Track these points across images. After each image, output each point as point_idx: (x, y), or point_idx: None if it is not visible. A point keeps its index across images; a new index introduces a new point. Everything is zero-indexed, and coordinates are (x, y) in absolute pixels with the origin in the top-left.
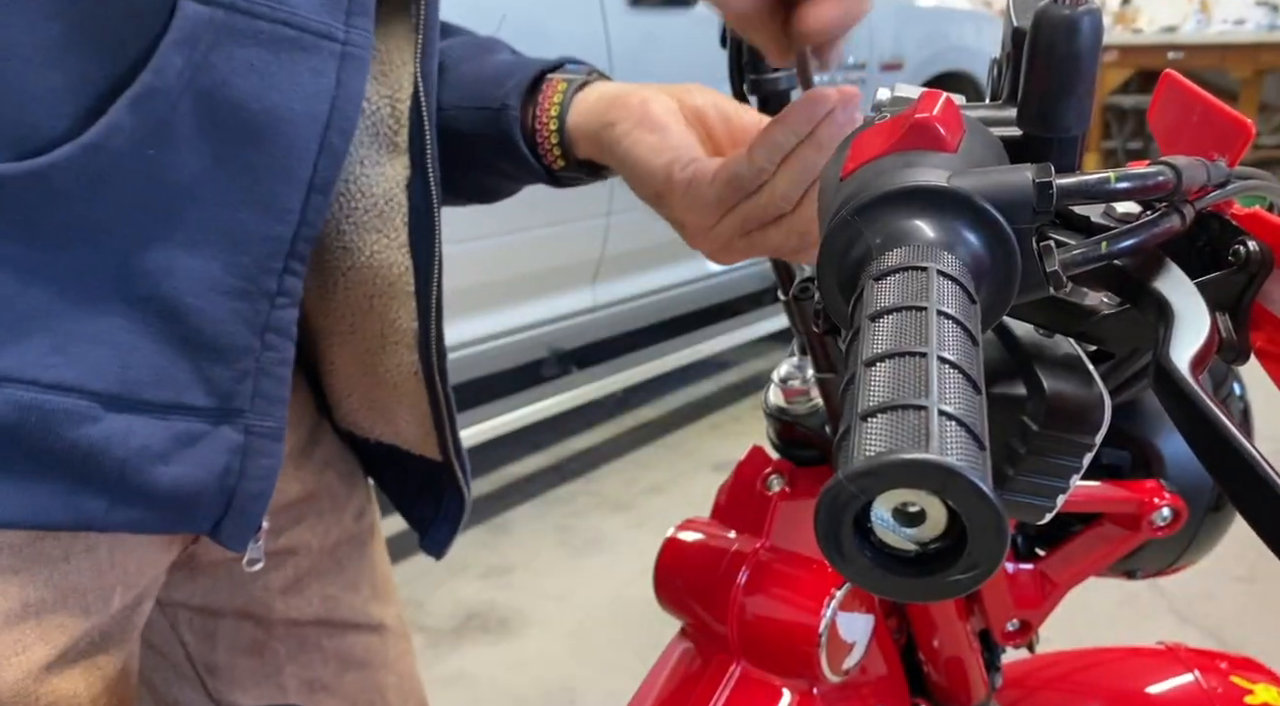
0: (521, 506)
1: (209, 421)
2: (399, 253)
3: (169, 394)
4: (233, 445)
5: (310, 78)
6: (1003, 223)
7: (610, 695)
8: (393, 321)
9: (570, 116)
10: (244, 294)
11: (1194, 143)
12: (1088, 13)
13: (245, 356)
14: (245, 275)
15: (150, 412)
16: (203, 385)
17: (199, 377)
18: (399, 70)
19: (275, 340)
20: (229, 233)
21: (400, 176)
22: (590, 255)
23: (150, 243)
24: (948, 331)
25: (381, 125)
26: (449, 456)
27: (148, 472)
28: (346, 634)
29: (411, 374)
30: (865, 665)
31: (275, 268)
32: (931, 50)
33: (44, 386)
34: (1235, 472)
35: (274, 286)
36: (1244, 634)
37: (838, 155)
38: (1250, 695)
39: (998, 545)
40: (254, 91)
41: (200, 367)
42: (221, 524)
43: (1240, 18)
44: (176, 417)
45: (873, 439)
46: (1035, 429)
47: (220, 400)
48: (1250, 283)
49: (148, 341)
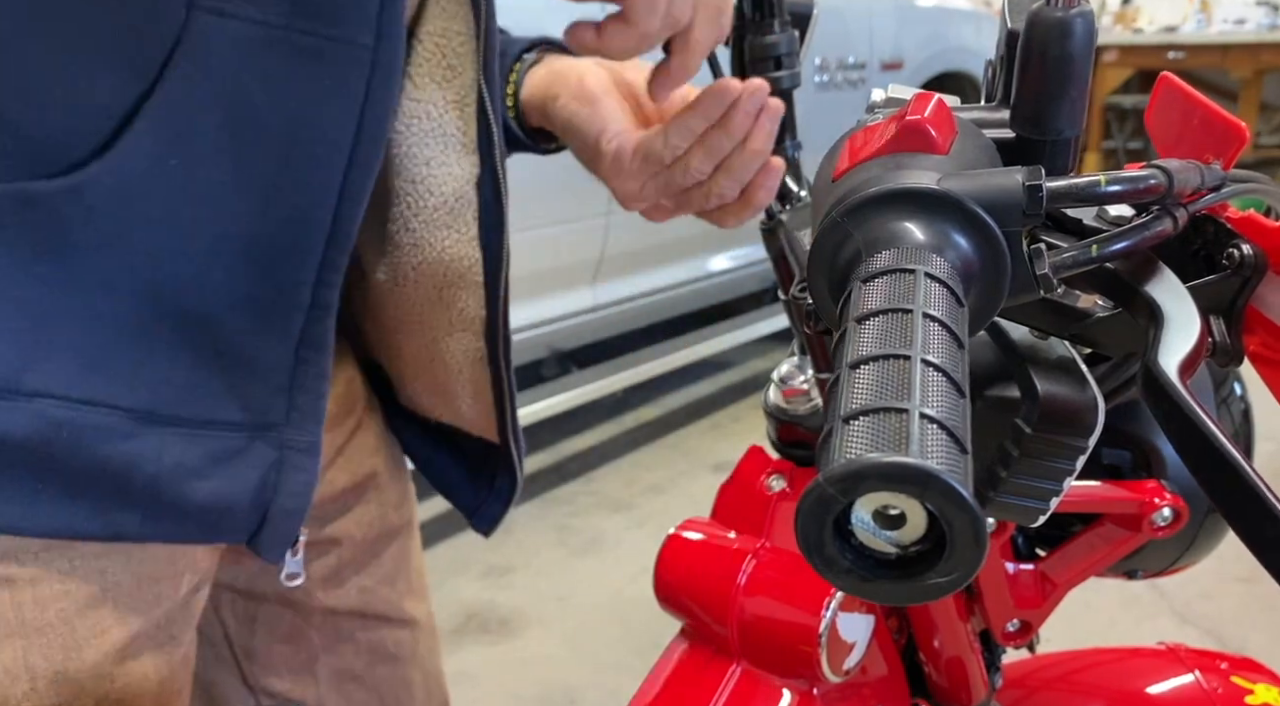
0: (521, 506)
1: (243, 437)
2: (469, 246)
3: (202, 410)
4: (268, 461)
5: (335, 88)
6: (992, 225)
7: (610, 695)
8: (461, 310)
9: (523, 90)
10: (275, 307)
11: (1190, 145)
12: (1081, 15)
13: (279, 371)
14: (276, 287)
15: (184, 428)
16: (237, 401)
17: (233, 393)
18: (463, 75)
19: (310, 354)
20: (257, 245)
21: (469, 174)
22: (590, 255)
23: (178, 256)
24: (933, 334)
25: (449, 126)
26: (506, 438)
27: (182, 488)
28: (380, 627)
29: (477, 359)
30: (865, 665)
31: (307, 279)
32: (931, 50)
33: (75, 402)
34: (1220, 477)
35: (307, 299)
36: (1244, 634)
37: (831, 155)
38: (1250, 695)
39: (977, 549)
40: (273, 102)
41: (234, 383)
42: (257, 536)
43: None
44: (210, 434)
45: (853, 441)
46: (1028, 431)
47: (255, 415)
48: (1244, 286)
49: (180, 357)
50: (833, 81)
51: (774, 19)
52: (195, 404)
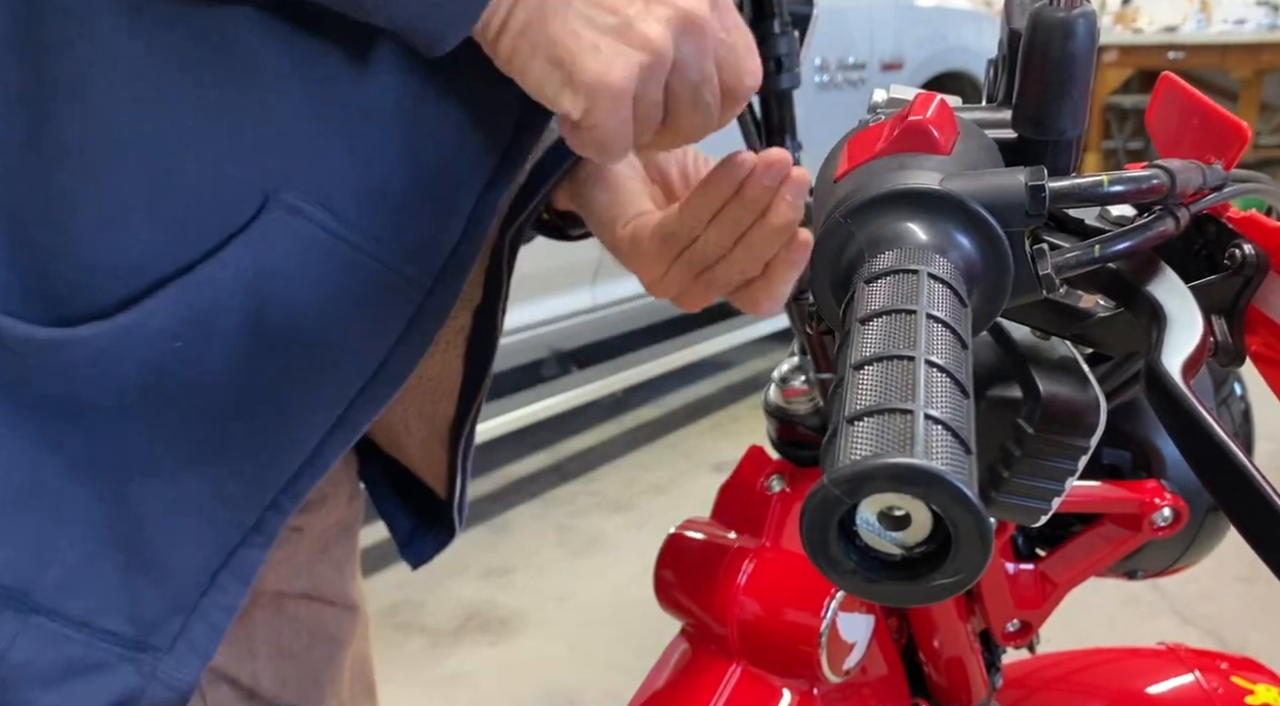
0: (521, 506)
1: (114, 652)
2: (455, 361)
3: (80, 606)
4: (129, 688)
5: (378, 317)
6: (995, 226)
7: (610, 695)
8: (433, 412)
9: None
10: (213, 518)
11: (1191, 145)
12: (1082, 15)
13: (186, 590)
14: (224, 496)
15: (53, 623)
16: (124, 606)
17: (123, 594)
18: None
19: (228, 582)
20: (228, 445)
21: (474, 300)
22: (590, 255)
23: (140, 433)
24: (937, 335)
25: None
26: (452, 497)
27: (20, 694)
28: (324, 610)
29: (440, 435)
30: (865, 665)
31: (261, 501)
32: (931, 50)
33: None
34: (1224, 477)
35: (251, 520)
36: (1244, 634)
37: (832, 156)
38: (1251, 695)
39: (982, 549)
40: (314, 310)
41: (130, 583)
42: None
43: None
44: (79, 637)
45: (858, 442)
46: (1030, 431)
47: (137, 630)
48: (1246, 286)
49: (86, 535)
50: (833, 82)
51: (774, 20)
52: (76, 596)
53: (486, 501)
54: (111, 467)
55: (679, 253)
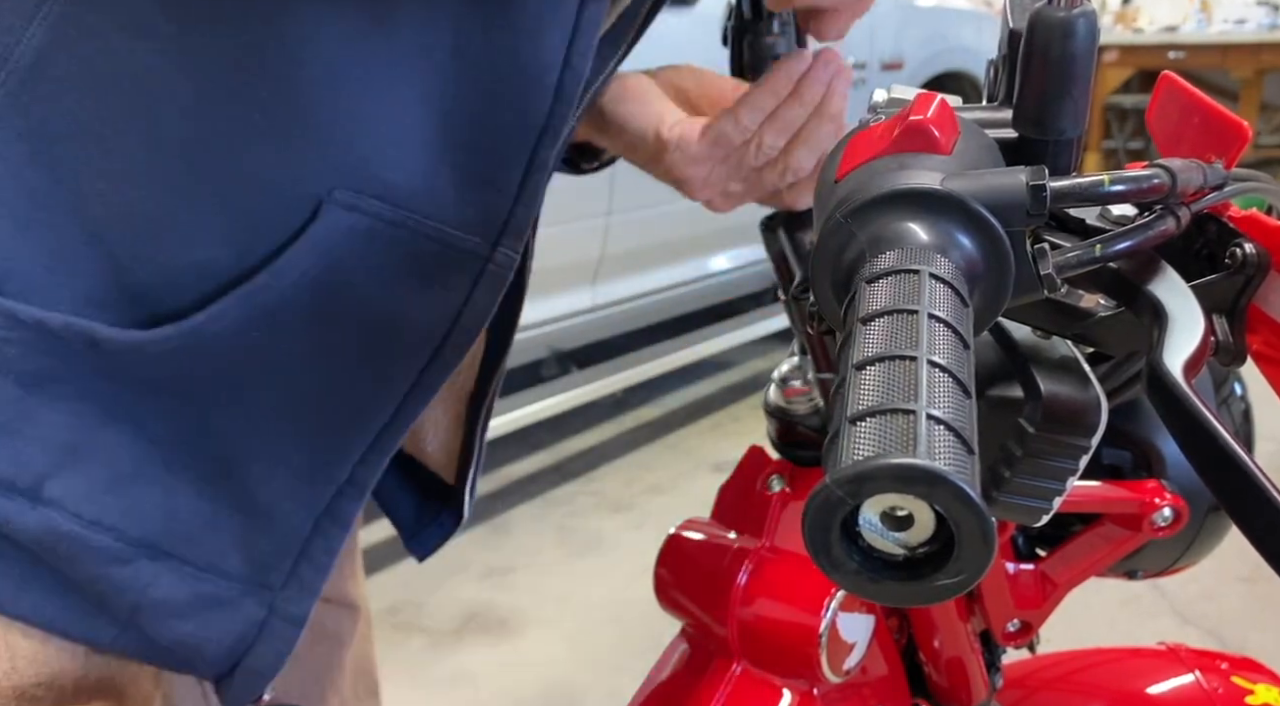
0: (521, 506)
1: (237, 589)
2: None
3: (205, 553)
4: (253, 619)
5: (440, 291)
6: (996, 225)
7: (610, 695)
8: (453, 382)
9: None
10: (309, 476)
11: (1192, 145)
12: (1083, 14)
13: (293, 537)
14: (316, 459)
15: (181, 565)
16: (241, 552)
17: (240, 544)
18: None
19: (329, 528)
20: (313, 417)
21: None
22: (590, 255)
23: (231, 411)
24: (939, 335)
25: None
26: (463, 482)
27: (160, 624)
28: (324, 608)
29: (455, 417)
30: (865, 665)
31: (351, 458)
32: (931, 50)
33: (85, 521)
34: (1227, 477)
35: (344, 475)
36: (1244, 634)
37: (833, 157)
38: (1251, 695)
39: (985, 550)
40: (378, 294)
41: (244, 534)
42: (221, 682)
43: (1241, 17)
44: (206, 577)
45: (861, 443)
46: (1031, 431)
47: (255, 571)
48: (1247, 285)
49: (200, 498)
50: None
51: (774, 19)
52: (200, 545)
53: (486, 501)
54: (214, 442)
55: (727, 155)
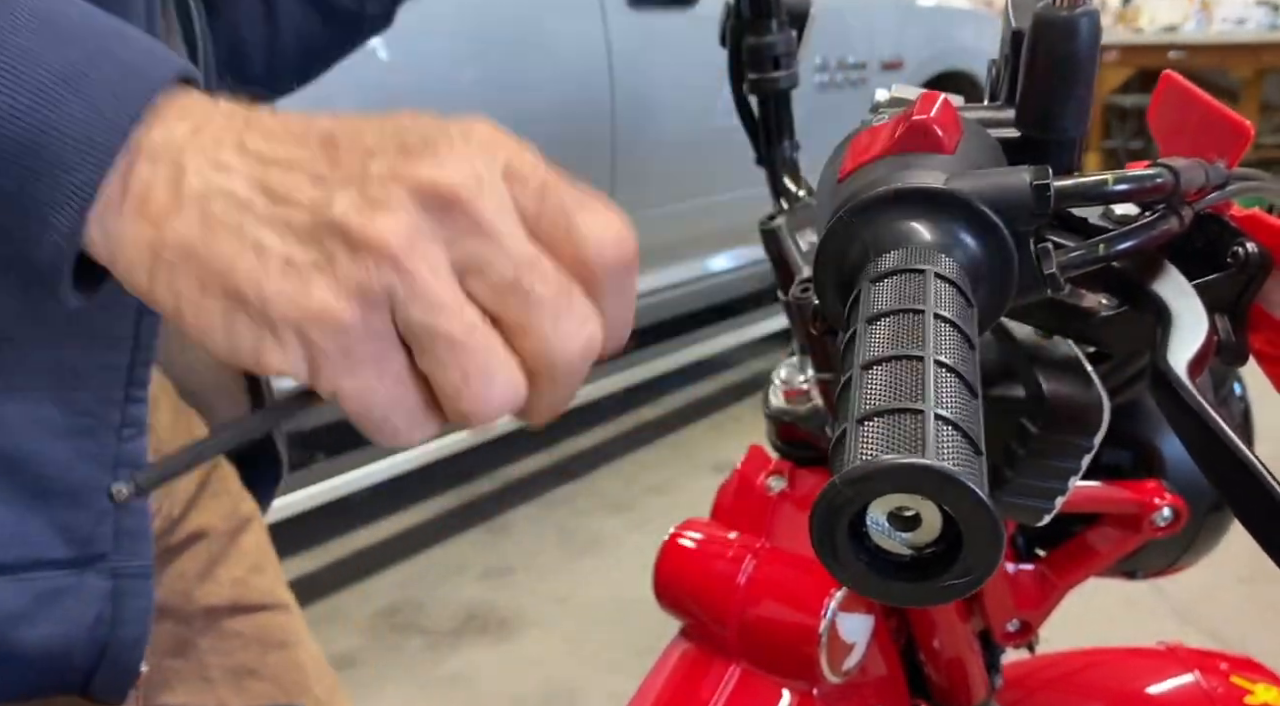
0: (521, 506)
1: (72, 573)
2: None
3: (27, 552)
4: (100, 592)
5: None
6: (1000, 225)
7: (610, 695)
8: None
9: None
10: (86, 431)
11: (1193, 144)
12: (1086, 14)
13: (99, 496)
14: (84, 411)
15: (8, 575)
16: (60, 536)
17: (55, 529)
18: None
19: (127, 474)
20: (57, 371)
21: None
22: None
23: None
24: (945, 335)
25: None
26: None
27: (17, 636)
28: (259, 615)
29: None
30: (865, 665)
31: (116, 398)
32: (932, 50)
33: None
34: (1231, 476)
35: (118, 418)
36: (1244, 634)
37: (836, 156)
38: (1250, 695)
39: (993, 550)
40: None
41: (55, 518)
42: (94, 678)
43: (1241, 17)
44: (37, 575)
45: (868, 443)
46: (1034, 431)
47: (80, 548)
48: (1249, 284)
49: (3, 501)
50: (833, 81)
51: (771, 19)
52: (14, 547)
53: (486, 501)
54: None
55: None
